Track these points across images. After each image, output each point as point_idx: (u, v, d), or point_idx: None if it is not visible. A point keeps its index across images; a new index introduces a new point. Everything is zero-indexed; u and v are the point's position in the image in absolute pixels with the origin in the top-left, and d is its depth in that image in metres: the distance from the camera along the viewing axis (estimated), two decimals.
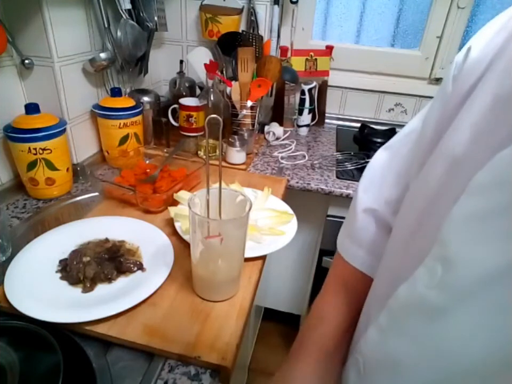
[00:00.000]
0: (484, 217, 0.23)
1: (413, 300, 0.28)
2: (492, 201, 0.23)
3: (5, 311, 0.53)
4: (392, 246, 0.39)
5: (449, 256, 0.25)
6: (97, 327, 0.52)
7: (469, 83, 0.32)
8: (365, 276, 0.47)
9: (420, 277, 0.27)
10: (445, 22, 1.33)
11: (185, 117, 1.08)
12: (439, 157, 0.32)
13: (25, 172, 0.81)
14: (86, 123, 1.00)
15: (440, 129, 0.34)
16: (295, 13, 1.37)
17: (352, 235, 0.50)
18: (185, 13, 1.30)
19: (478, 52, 0.32)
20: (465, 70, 0.33)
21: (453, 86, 0.34)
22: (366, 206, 0.47)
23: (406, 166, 0.44)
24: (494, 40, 0.31)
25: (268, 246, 0.71)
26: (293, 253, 1.31)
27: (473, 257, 0.24)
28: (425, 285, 0.27)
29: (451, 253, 0.25)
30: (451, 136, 0.31)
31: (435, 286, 0.26)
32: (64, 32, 0.85)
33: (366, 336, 0.34)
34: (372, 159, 0.50)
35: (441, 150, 0.32)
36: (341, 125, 1.52)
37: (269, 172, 1.08)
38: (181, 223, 0.73)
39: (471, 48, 0.33)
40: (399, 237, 0.37)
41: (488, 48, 0.31)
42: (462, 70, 0.34)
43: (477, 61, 0.32)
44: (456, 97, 0.33)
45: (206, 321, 0.55)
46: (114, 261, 0.62)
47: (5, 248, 0.65)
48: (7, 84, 0.82)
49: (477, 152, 0.27)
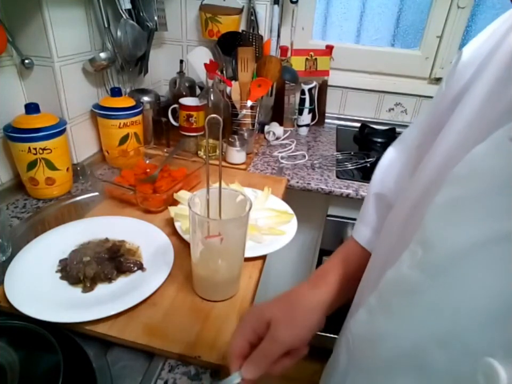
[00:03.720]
0: (458, 203, 0.26)
1: (397, 280, 0.31)
2: (466, 189, 0.26)
3: (5, 311, 0.53)
4: (384, 234, 0.42)
5: (427, 238, 0.28)
6: (97, 327, 0.52)
7: (458, 87, 0.34)
8: (364, 251, 0.50)
9: (404, 259, 0.30)
10: (445, 21, 1.33)
11: (185, 116, 1.08)
12: (431, 159, 0.35)
13: (25, 171, 0.81)
14: (86, 123, 1.00)
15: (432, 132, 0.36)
16: (295, 12, 1.37)
17: (361, 216, 0.53)
18: (185, 13, 1.30)
19: (467, 56, 0.34)
20: (456, 75, 0.35)
21: (445, 89, 0.37)
22: (375, 191, 0.51)
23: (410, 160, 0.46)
24: (483, 46, 0.33)
25: (267, 246, 0.71)
26: (293, 253, 1.31)
27: (446, 237, 0.26)
28: (407, 265, 0.29)
29: (429, 236, 0.28)
30: (441, 141, 0.34)
31: (415, 266, 0.28)
32: (64, 32, 0.85)
33: (356, 316, 0.37)
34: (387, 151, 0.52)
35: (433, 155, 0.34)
36: (341, 124, 1.52)
37: (269, 171, 1.08)
38: (181, 222, 0.73)
39: (462, 53, 0.35)
40: (392, 226, 0.40)
41: (477, 53, 0.33)
42: (453, 74, 0.36)
43: (466, 66, 0.34)
44: (446, 101, 0.35)
45: (206, 321, 0.55)
46: (114, 261, 0.62)
47: (5, 248, 0.65)
48: (7, 83, 0.82)
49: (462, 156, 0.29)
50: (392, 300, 0.31)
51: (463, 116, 0.32)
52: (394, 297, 0.31)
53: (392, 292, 0.32)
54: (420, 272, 0.28)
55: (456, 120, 0.33)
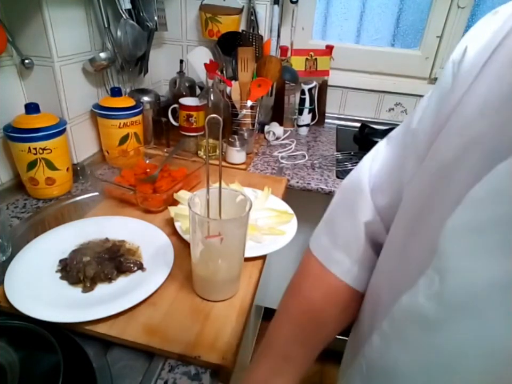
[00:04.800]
0: (481, 229, 0.23)
1: (412, 309, 0.28)
2: (488, 214, 0.23)
3: (5, 311, 0.53)
4: (387, 252, 0.39)
5: (445, 267, 0.25)
6: (97, 327, 0.52)
7: (465, 85, 0.31)
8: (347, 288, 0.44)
9: (420, 287, 0.28)
10: (445, 21, 1.33)
11: (185, 116, 1.08)
12: (431, 162, 0.32)
13: (25, 171, 0.81)
14: (86, 123, 1.00)
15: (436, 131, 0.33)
16: (295, 12, 1.37)
17: (336, 238, 0.46)
18: (185, 13, 1.30)
19: (474, 52, 0.32)
20: (461, 71, 0.33)
21: (453, 85, 0.33)
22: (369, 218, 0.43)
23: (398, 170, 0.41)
24: (489, 43, 0.31)
25: (267, 246, 0.71)
26: (293, 253, 1.31)
27: (468, 269, 0.24)
28: (424, 295, 0.27)
29: (447, 264, 0.25)
30: (442, 140, 0.31)
31: (432, 297, 0.26)
32: (64, 32, 0.85)
33: (370, 341, 0.34)
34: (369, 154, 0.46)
35: (433, 155, 0.32)
36: (341, 124, 1.52)
37: (269, 171, 1.08)
38: (181, 222, 0.73)
39: (467, 49, 0.33)
40: (394, 243, 0.37)
41: (484, 50, 0.31)
42: (459, 69, 0.33)
43: (472, 63, 0.31)
44: (453, 98, 0.32)
45: (206, 321, 0.55)
46: (114, 261, 0.62)
47: (5, 248, 0.65)
48: (7, 83, 0.82)
49: (468, 160, 0.27)
50: (407, 330, 0.29)
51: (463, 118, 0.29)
52: (409, 327, 0.29)
53: (406, 320, 0.29)
54: (436, 304, 0.26)
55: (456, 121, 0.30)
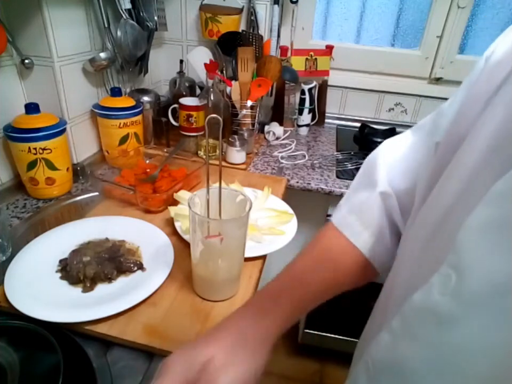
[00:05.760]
0: (500, 226, 0.23)
1: (426, 305, 0.28)
2: (508, 211, 0.23)
3: (5, 311, 0.53)
4: (406, 253, 0.39)
5: (463, 264, 0.25)
6: (97, 327, 0.52)
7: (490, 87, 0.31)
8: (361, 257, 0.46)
9: (435, 284, 0.27)
10: (445, 21, 1.33)
11: (185, 116, 1.08)
12: (457, 166, 0.31)
13: (25, 171, 0.81)
14: (86, 123, 1.00)
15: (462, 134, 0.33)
16: (295, 12, 1.37)
17: (359, 213, 0.48)
18: (185, 13, 1.30)
19: (500, 56, 0.31)
20: (486, 72, 0.32)
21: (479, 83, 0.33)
22: (382, 190, 0.46)
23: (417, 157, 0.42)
24: None
25: (268, 245, 0.71)
26: (293, 253, 1.31)
27: (487, 266, 0.23)
28: (439, 291, 0.26)
29: (465, 261, 0.25)
30: (470, 143, 0.31)
31: (448, 294, 0.26)
32: (64, 32, 0.85)
33: (378, 339, 0.34)
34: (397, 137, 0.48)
35: (459, 159, 0.31)
36: (341, 124, 1.52)
37: (269, 171, 1.08)
38: (181, 222, 0.73)
39: (495, 51, 0.32)
40: (414, 245, 0.36)
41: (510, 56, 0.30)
42: (484, 70, 0.33)
43: (498, 66, 0.31)
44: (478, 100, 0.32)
45: (206, 321, 0.55)
46: (114, 261, 0.62)
47: (5, 248, 0.65)
48: (7, 83, 0.82)
49: (494, 161, 0.26)
50: (420, 327, 0.28)
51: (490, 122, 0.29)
52: (421, 324, 0.28)
53: (419, 317, 0.29)
54: (452, 300, 0.25)
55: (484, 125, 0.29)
